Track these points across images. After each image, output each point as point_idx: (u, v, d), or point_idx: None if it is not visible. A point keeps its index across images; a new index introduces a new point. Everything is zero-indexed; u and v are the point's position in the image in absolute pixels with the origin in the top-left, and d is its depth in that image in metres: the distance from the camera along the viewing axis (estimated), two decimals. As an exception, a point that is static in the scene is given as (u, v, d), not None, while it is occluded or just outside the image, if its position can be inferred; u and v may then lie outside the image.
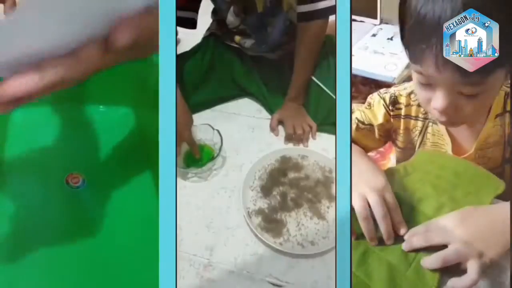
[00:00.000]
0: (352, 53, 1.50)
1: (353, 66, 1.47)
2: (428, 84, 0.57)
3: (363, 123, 0.79)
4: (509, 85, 0.65)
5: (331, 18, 1.05)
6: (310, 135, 1.06)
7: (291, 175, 0.97)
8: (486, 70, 0.52)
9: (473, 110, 0.57)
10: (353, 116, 0.81)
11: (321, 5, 1.01)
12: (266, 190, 0.94)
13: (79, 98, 0.90)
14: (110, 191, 0.80)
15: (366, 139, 0.80)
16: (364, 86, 1.36)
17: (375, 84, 1.28)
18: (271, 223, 0.88)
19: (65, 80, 0.39)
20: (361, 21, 1.49)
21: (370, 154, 0.88)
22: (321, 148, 1.04)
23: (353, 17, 1.58)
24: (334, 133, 1.05)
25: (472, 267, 0.50)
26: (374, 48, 1.37)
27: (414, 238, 0.56)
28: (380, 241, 0.57)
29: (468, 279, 0.50)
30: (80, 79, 0.39)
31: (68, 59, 0.39)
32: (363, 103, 0.80)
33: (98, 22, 0.39)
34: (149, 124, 0.85)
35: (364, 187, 0.57)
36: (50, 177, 0.81)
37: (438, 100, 0.56)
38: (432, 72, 0.54)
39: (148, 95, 0.78)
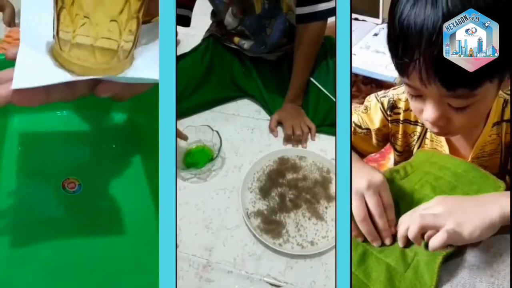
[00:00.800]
0: (354, 52, 1.51)
1: (354, 65, 1.48)
2: (418, 96, 0.57)
3: (360, 127, 0.79)
4: (508, 93, 0.64)
5: (330, 19, 1.05)
6: (309, 136, 1.07)
7: (289, 176, 0.98)
8: (473, 83, 0.51)
9: (465, 121, 0.56)
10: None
11: (320, 7, 1.01)
12: (264, 192, 0.94)
13: (76, 105, 0.90)
14: (106, 194, 0.80)
15: (364, 143, 0.80)
16: (365, 85, 1.36)
17: (376, 84, 1.29)
18: (270, 224, 0.88)
19: (61, 101, 0.51)
20: (363, 20, 1.50)
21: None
22: (319, 149, 1.04)
23: (355, 16, 1.59)
24: (333, 134, 1.06)
25: (446, 228, 0.51)
26: (375, 48, 1.37)
27: (400, 227, 0.56)
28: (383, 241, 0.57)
29: (439, 236, 0.51)
30: (73, 100, 0.52)
31: (66, 89, 0.50)
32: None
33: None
34: (145, 129, 0.86)
35: (361, 185, 0.57)
36: (47, 182, 0.81)
37: (428, 112, 0.56)
38: (418, 85, 0.53)
39: (145, 101, 0.79)
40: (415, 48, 0.51)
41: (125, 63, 0.53)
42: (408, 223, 0.55)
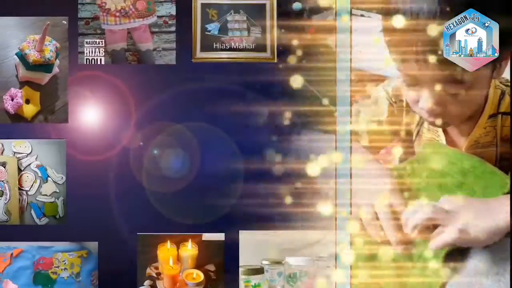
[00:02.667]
0: (360, 49, 1.48)
1: (360, 62, 1.45)
2: (414, 85, 0.58)
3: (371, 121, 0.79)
4: (506, 84, 0.65)
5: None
6: None
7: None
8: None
9: (460, 109, 0.58)
10: (363, 118, 0.81)
11: None
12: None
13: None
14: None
15: (379, 137, 0.80)
16: (372, 82, 1.36)
17: (382, 80, 1.29)
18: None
19: None
20: (368, 17, 1.49)
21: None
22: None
23: (361, 12, 1.57)
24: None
25: (454, 227, 0.52)
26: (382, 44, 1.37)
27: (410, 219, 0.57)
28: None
29: (444, 236, 0.52)
30: None
31: None
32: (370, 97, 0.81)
33: None
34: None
35: (372, 194, 0.58)
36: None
37: (424, 100, 0.57)
38: (414, 72, 0.55)
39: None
40: None
41: None
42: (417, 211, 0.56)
